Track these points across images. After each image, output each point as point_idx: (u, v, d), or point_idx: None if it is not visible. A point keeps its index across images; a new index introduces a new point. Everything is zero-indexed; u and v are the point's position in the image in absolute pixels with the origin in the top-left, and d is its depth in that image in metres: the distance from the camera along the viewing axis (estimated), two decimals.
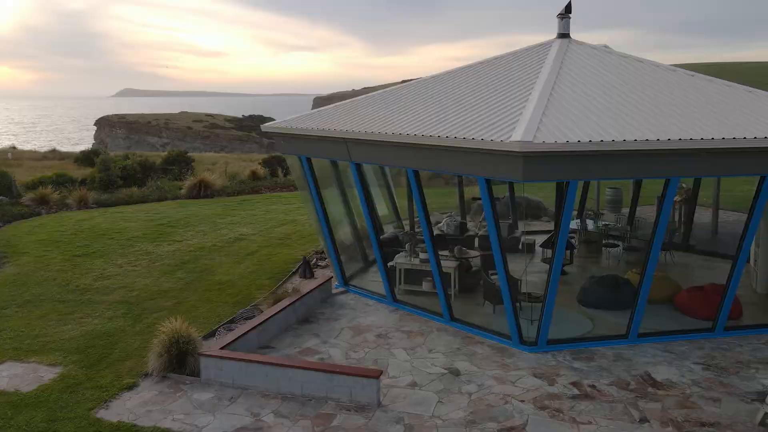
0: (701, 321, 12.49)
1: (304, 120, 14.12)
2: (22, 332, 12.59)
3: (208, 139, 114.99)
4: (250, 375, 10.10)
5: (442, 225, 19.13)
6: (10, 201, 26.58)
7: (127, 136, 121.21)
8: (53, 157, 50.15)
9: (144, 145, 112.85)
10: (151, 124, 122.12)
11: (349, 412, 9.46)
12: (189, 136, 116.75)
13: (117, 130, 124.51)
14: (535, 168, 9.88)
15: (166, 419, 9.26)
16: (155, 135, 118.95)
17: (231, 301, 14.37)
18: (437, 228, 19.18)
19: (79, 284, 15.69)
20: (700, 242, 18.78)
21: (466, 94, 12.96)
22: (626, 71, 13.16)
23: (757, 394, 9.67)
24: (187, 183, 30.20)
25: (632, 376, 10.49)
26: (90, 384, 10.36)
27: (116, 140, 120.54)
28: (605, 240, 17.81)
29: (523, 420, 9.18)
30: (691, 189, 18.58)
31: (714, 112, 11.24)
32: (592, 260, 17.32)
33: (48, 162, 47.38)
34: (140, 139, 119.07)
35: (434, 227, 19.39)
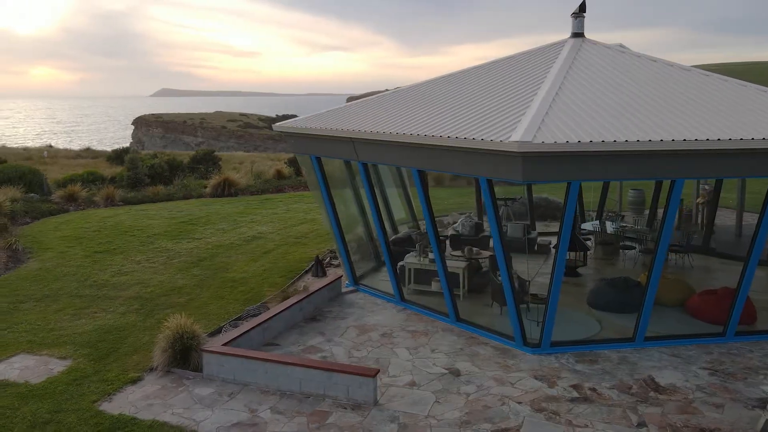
0: (712, 325, 12.25)
1: (314, 120, 14.23)
2: (37, 326, 12.94)
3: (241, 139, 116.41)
4: (250, 371, 10.23)
5: (457, 225, 19.09)
6: (41, 198, 27.28)
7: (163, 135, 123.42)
8: (87, 155, 51.33)
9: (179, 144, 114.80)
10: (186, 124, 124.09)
11: (345, 410, 9.52)
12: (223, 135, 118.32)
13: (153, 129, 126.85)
14: (535, 168, 9.81)
15: (165, 413, 9.44)
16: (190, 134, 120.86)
17: (242, 299, 14.55)
18: (452, 228, 19.17)
19: (96, 280, 16.05)
20: (721, 245, 18.41)
21: (474, 93, 12.92)
22: (637, 70, 12.98)
23: (759, 401, 9.46)
24: (211, 181, 30.67)
25: (635, 380, 10.34)
26: (96, 377, 10.61)
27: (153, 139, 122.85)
28: (622, 242, 17.57)
29: (518, 422, 9.13)
30: (713, 191, 18.23)
31: (724, 111, 11.02)
32: (607, 262, 17.11)
33: (82, 160, 48.54)
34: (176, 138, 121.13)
35: (450, 227, 19.43)
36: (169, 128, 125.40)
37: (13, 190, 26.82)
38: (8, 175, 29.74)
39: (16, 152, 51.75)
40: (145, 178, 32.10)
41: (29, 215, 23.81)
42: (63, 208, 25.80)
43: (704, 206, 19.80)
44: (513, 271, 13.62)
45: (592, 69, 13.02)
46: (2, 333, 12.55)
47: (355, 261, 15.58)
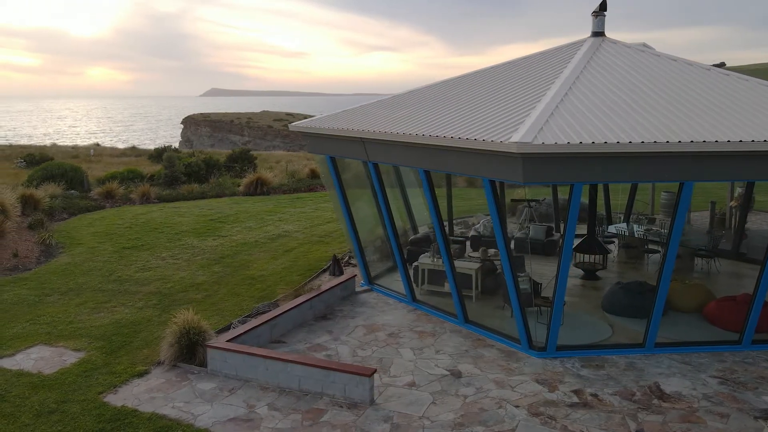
0: (729, 333, 11.90)
1: (328, 120, 14.34)
2: (58, 318, 13.38)
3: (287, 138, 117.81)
4: (251, 368, 10.38)
5: (478, 226, 18.98)
6: (80, 195, 28.15)
7: (211, 134, 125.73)
8: (131, 153, 52.70)
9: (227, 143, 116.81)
10: (233, 123, 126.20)
11: (341, 408, 9.58)
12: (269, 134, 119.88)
13: (202, 128, 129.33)
14: (536, 169, 9.69)
15: (166, 406, 9.66)
16: (237, 133, 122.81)
17: (257, 296, 14.77)
18: (474, 229, 19.07)
19: (121, 275, 16.50)
20: (754, 250, 17.81)
21: (485, 94, 12.82)
22: (655, 70, 12.68)
23: (763, 411, 9.14)
24: (245, 180, 31.15)
25: (639, 387, 10.12)
26: (106, 369, 10.92)
27: (201, 138, 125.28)
28: (645, 245, 17.19)
29: (512, 425, 9.04)
30: (744, 194, 17.68)
31: (738, 112, 10.69)
32: (630, 266, 16.75)
33: (125, 158, 49.84)
34: (223, 137, 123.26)
35: (471, 228, 19.31)
36: (216, 127, 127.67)
37: (54, 187, 27.76)
38: (51, 172, 30.78)
39: (64, 150, 53.50)
40: (181, 176, 32.78)
41: (67, 211, 24.60)
42: (100, 204, 26.58)
43: (737, 210, 19.21)
44: (526, 273, 13.52)
45: (607, 69, 12.78)
46: (25, 325, 13.02)
47: (372, 261, 15.65)
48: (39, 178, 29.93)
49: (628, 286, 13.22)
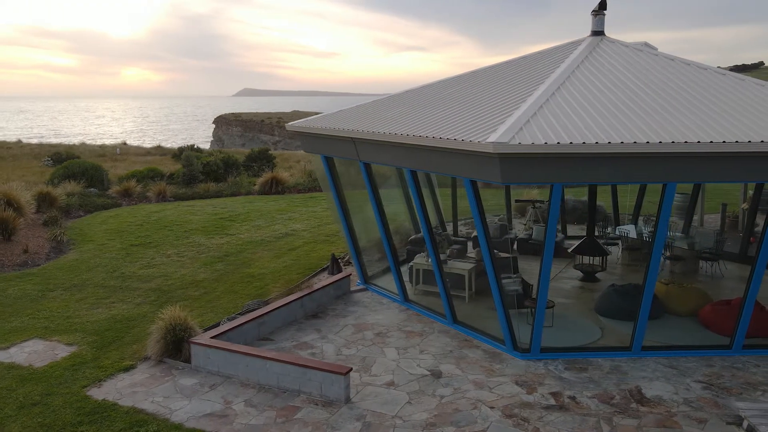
0: (722, 337, 11.68)
1: (323, 119, 14.42)
2: (57, 313, 13.70)
3: None
4: (232, 364, 10.51)
5: None
6: (99, 193, 28.72)
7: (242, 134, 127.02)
8: (156, 152, 53.48)
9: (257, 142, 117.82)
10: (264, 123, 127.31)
11: (316, 406, 9.64)
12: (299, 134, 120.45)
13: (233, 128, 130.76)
14: (513, 169, 9.62)
15: (145, 401, 9.82)
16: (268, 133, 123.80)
17: (254, 294, 14.91)
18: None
19: (124, 271, 16.81)
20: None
21: (477, 93, 12.78)
22: (650, 70, 12.49)
23: (734, 417, 8.95)
24: (260, 179, 31.44)
25: (620, 390, 9.99)
26: (94, 364, 11.15)
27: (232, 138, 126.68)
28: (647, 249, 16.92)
29: (484, 426, 9.00)
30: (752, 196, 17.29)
31: (728, 112, 10.49)
32: (632, 268, 16.52)
33: (150, 157, 50.60)
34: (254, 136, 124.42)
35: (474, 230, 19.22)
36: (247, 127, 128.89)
37: (73, 185, 28.38)
38: (72, 170, 31.46)
39: (92, 149, 54.53)
40: (199, 175, 33.19)
41: (83, 209, 25.14)
42: (116, 202, 27.09)
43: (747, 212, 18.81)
44: (517, 275, 13.45)
45: (601, 68, 12.64)
46: (24, 319, 13.35)
47: (373, 260, 15.69)
48: (60, 177, 30.63)
49: (622, 288, 13.06)
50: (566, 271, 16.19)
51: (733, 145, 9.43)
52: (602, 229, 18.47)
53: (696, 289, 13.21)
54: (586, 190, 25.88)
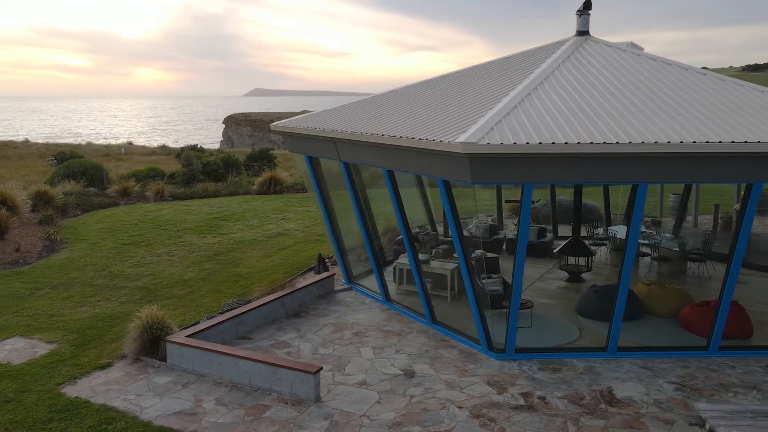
0: (700, 338, 11.62)
1: (307, 119, 14.47)
2: (41, 311, 13.82)
3: None
4: (206, 363, 10.57)
5: (471, 227, 18.89)
6: (98, 192, 28.94)
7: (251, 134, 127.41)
8: (161, 152, 53.83)
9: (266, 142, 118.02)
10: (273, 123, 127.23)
11: (286, 405, 9.68)
12: None
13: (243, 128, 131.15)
14: (483, 169, 9.62)
15: (117, 399, 9.90)
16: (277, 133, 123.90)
17: (238, 293, 14.98)
18: (466, 230, 18.97)
19: (113, 270, 16.94)
20: (754, 254, 17.32)
21: (456, 93, 12.79)
22: (629, 70, 12.45)
23: (697, 418, 8.91)
24: (259, 179, 31.56)
25: (591, 391, 9.97)
26: (71, 361, 11.25)
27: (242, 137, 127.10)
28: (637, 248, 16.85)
29: (450, 426, 9.01)
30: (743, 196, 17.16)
31: (704, 112, 10.44)
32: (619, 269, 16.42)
33: (155, 157, 50.93)
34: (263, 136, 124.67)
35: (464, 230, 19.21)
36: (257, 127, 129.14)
37: (72, 184, 28.61)
38: (73, 170, 31.74)
39: (97, 149, 54.99)
40: (198, 174, 33.37)
41: (80, 208, 25.32)
42: (114, 201, 27.26)
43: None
44: (499, 275, 13.44)
45: (581, 68, 12.61)
46: (9, 317, 13.49)
47: (358, 260, 15.72)
48: (60, 176, 30.90)
49: (602, 289, 13.02)
50: (552, 272, 16.16)
51: (704, 146, 9.39)
52: (591, 230, 18.41)
53: (677, 290, 13.15)
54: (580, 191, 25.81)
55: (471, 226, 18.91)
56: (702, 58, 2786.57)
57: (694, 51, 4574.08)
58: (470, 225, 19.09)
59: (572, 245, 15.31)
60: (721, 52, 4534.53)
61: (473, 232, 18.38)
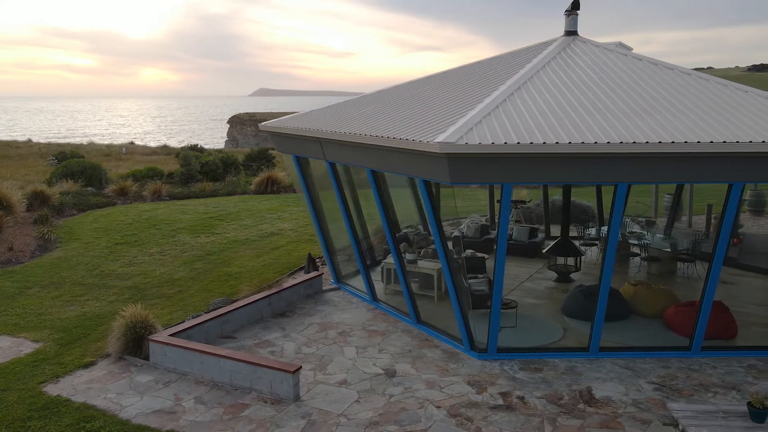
0: (683, 338, 11.61)
1: (295, 119, 14.51)
2: (30, 310, 13.89)
3: None
4: (188, 362, 10.62)
5: (462, 227, 18.90)
6: (95, 192, 29.04)
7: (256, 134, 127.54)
8: (162, 152, 53.97)
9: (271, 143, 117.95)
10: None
11: (265, 404, 9.71)
12: None
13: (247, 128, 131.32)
14: (462, 169, 9.64)
15: (98, 397, 9.95)
16: None
17: (227, 292, 15.03)
18: (458, 230, 18.99)
19: (104, 269, 17.01)
20: (746, 255, 17.29)
21: (442, 93, 12.81)
22: (615, 70, 12.45)
23: (670, 418, 8.90)
24: (256, 179, 31.62)
25: (571, 391, 9.97)
26: (55, 360, 11.31)
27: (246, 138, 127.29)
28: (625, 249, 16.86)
29: (427, 426, 9.03)
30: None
31: (685, 113, 10.43)
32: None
33: (155, 157, 51.08)
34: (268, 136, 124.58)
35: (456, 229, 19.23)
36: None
37: (69, 184, 28.73)
38: (71, 169, 31.87)
39: (98, 148, 55.18)
40: (197, 174, 33.46)
41: (77, 207, 25.40)
42: (111, 201, 27.34)
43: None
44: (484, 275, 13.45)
45: (566, 68, 12.61)
46: None
47: (348, 260, 15.75)
48: (59, 175, 31.03)
49: (588, 289, 13.01)
50: (542, 272, 16.15)
51: (683, 146, 9.39)
52: (582, 230, 18.39)
53: (663, 291, 13.13)
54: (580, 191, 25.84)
55: (463, 225, 18.93)
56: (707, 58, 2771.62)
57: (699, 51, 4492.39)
58: (462, 225, 19.11)
59: (561, 245, 15.30)
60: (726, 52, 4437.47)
61: (465, 232, 18.39)
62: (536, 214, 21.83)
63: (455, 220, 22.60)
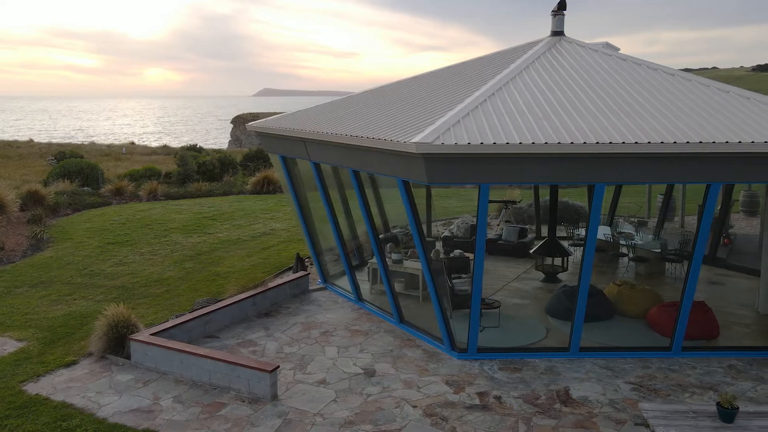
0: (664, 338, 11.61)
1: (282, 120, 14.55)
2: (17, 309, 13.96)
3: None
4: (168, 361, 10.66)
5: (452, 227, 18.92)
6: (92, 191, 29.13)
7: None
8: (162, 152, 54.03)
9: None
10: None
11: (243, 403, 9.74)
12: None
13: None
14: (439, 170, 9.65)
15: (77, 396, 10.00)
16: None
17: (214, 292, 15.07)
18: (448, 230, 19.01)
19: (94, 269, 17.07)
20: (735, 256, 17.28)
21: (426, 93, 12.83)
22: (598, 71, 12.45)
23: (642, 418, 8.90)
24: (252, 179, 31.68)
25: (548, 391, 9.98)
26: (38, 359, 11.36)
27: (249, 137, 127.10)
28: (613, 250, 16.86)
29: (401, 425, 9.05)
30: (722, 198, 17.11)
31: (664, 114, 10.42)
32: (596, 269, 16.44)
33: (155, 157, 51.13)
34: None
35: (446, 229, 19.24)
36: None
37: (65, 184, 28.82)
38: (68, 169, 31.95)
39: (98, 148, 55.28)
40: (194, 174, 33.52)
41: (72, 207, 25.51)
42: (107, 201, 27.45)
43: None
44: (468, 275, 13.46)
45: (550, 68, 12.61)
46: None
47: (333, 260, 15.78)
48: (56, 175, 31.12)
49: (571, 289, 13.00)
50: (530, 272, 16.16)
51: (659, 146, 9.39)
52: (571, 230, 18.39)
53: (647, 291, 13.12)
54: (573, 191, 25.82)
55: (453, 226, 18.95)
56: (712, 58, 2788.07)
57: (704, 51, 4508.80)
58: (453, 225, 19.13)
59: (548, 245, 15.31)
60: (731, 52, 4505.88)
61: (455, 232, 18.41)
62: (528, 215, 21.85)
63: (447, 220, 22.64)
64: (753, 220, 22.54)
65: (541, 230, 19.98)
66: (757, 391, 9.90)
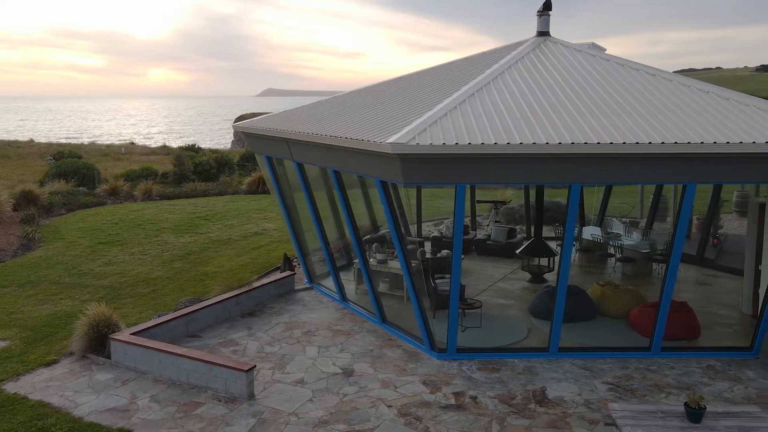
0: (644, 339, 11.60)
1: (267, 120, 14.59)
2: (2, 309, 14.01)
3: None
4: (147, 360, 10.70)
5: (441, 228, 18.94)
6: (87, 191, 29.21)
7: None
8: (161, 152, 54.11)
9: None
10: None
11: (219, 402, 9.78)
12: None
13: None
14: (415, 170, 9.67)
15: (54, 395, 10.03)
16: None
17: (200, 292, 15.11)
18: (437, 230, 19.03)
19: (83, 269, 17.13)
20: (724, 256, 17.25)
21: (411, 94, 12.85)
22: (581, 71, 12.44)
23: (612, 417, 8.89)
24: (248, 179, 31.73)
25: (525, 391, 9.99)
26: (19, 358, 11.41)
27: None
28: (600, 250, 16.86)
29: (375, 424, 9.07)
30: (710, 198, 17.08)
31: (642, 114, 10.42)
32: (584, 270, 16.46)
33: (155, 156, 51.21)
34: None
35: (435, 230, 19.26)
36: None
37: (60, 183, 28.91)
38: (65, 169, 32.07)
39: (98, 148, 55.40)
40: (190, 174, 33.58)
41: (66, 207, 25.58)
42: (101, 201, 27.51)
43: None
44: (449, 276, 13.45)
45: (533, 69, 12.62)
46: None
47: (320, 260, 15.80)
48: (52, 175, 31.23)
49: (555, 289, 12.99)
50: (517, 272, 16.17)
51: (634, 146, 9.39)
52: (559, 230, 18.37)
53: (630, 291, 13.12)
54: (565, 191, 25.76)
55: (443, 226, 18.96)
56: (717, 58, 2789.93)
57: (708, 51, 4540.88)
58: (442, 225, 19.15)
59: (534, 246, 15.31)
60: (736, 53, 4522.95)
61: (444, 233, 18.42)
62: (519, 215, 21.85)
63: (438, 220, 22.65)
64: (745, 221, 22.46)
65: (531, 231, 19.97)
66: (734, 392, 9.90)
